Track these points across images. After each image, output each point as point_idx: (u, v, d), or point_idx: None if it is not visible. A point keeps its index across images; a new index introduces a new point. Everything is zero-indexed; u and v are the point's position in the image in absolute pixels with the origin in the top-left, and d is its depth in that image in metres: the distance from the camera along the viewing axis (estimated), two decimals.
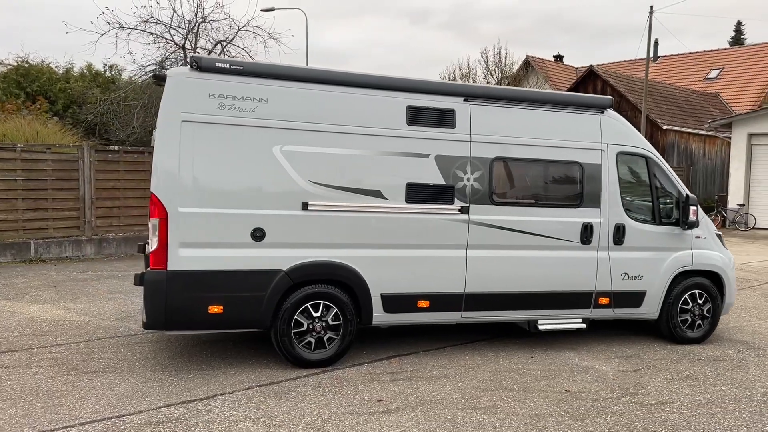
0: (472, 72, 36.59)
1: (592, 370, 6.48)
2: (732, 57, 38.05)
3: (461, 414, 5.22)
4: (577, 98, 7.30)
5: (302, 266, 6.08)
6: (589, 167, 7.06)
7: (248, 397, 5.45)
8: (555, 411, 5.34)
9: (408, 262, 6.45)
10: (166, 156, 5.72)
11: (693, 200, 7.35)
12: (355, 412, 5.19)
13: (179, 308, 5.78)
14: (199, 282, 5.81)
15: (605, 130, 7.18)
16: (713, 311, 7.67)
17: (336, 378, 6.00)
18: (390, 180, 6.36)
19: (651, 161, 7.41)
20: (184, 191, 5.74)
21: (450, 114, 6.57)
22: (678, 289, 7.48)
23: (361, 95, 6.30)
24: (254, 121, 5.92)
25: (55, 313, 8.20)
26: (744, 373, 6.52)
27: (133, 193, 13.02)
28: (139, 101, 16.12)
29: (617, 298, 7.23)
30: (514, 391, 5.79)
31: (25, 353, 6.53)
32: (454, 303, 6.65)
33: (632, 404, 5.55)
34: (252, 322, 6.06)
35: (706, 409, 5.48)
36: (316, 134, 6.11)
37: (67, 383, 5.68)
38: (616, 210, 7.15)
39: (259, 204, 5.97)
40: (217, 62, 5.86)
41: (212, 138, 5.82)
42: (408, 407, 5.34)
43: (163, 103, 5.77)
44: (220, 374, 6.01)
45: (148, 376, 5.90)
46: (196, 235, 5.79)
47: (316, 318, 6.18)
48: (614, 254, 7.16)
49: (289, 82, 6.08)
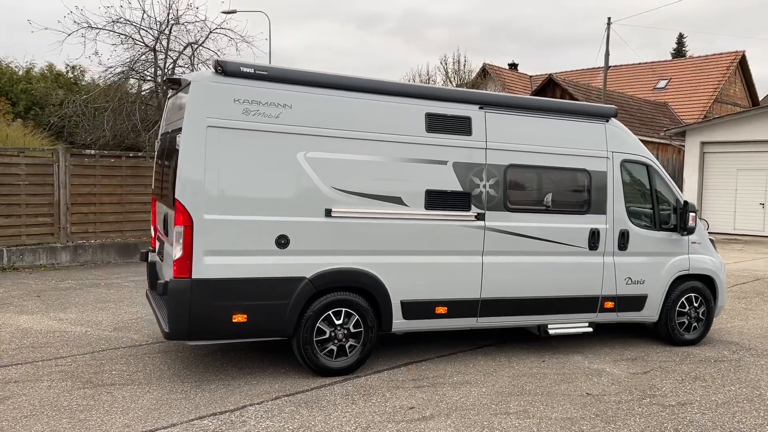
0: (432, 78, 36.89)
1: (605, 373, 6.63)
2: (679, 68, 39.55)
3: (496, 419, 5.27)
4: (584, 107, 7.47)
5: (325, 273, 6.03)
6: (596, 174, 7.24)
7: (279, 407, 5.37)
8: (585, 414, 5.45)
9: (427, 268, 6.48)
10: (192, 162, 5.58)
11: (692, 207, 7.62)
12: (392, 420, 5.18)
13: (204, 318, 5.66)
14: (224, 290, 5.70)
15: (610, 139, 7.38)
16: (707, 314, 7.96)
17: (361, 386, 5.97)
18: (410, 187, 6.38)
19: (652, 169, 7.65)
20: (210, 198, 5.62)
21: (467, 121, 6.63)
22: (676, 293, 7.74)
23: (382, 102, 6.29)
24: (279, 127, 5.85)
25: (49, 324, 7.88)
26: (746, 373, 6.78)
27: (109, 199, 12.63)
28: (109, 104, 15.62)
29: (621, 302, 7.43)
30: (538, 396, 5.87)
31: (31, 366, 6.26)
32: (471, 309, 6.71)
33: (655, 406, 5.71)
34: (275, 331, 5.97)
35: (725, 409, 5.68)
36: (339, 141, 6.08)
37: (86, 397, 5.47)
38: (620, 216, 7.35)
39: (283, 211, 5.90)
40: (242, 66, 5.76)
41: (238, 144, 5.72)
42: (442, 414, 5.35)
43: (188, 107, 5.64)
44: (242, 384, 5.90)
45: (169, 388, 5.74)
46: (221, 243, 5.67)
47: (338, 326, 6.13)
48: (618, 259, 7.36)
49: (313, 88, 6.03)
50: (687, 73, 38.38)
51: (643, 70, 40.29)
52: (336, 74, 6.28)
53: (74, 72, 20.93)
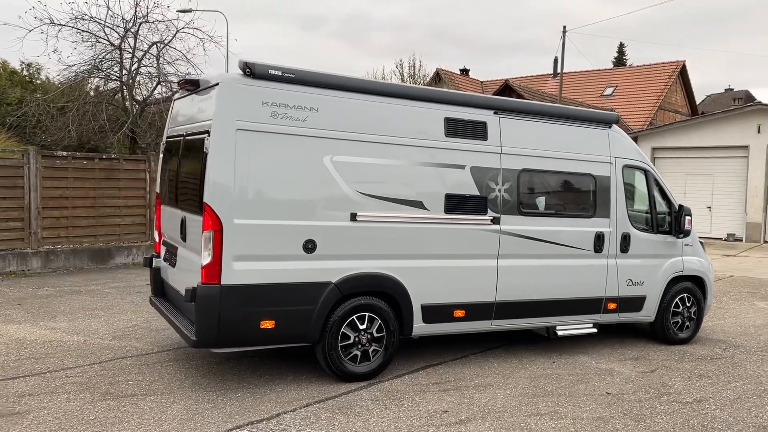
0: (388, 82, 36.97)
1: (615, 372, 6.81)
2: (624, 76, 40.94)
3: (531, 420, 5.35)
4: (589, 114, 7.67)
5: (351, 278, 6.00)
6: (600, 179, 7.44)
7: (315, 414, 5.30)
8: (613, 413, 5.59)
9: (446, 272, 6.52)
10: (221, 165, 5.45)
11: (687, 210, 7.93)
12: (431, 424, 5.19)
13: (232, 324, 5.53)
14: (253, 296, 5.59)
15: (612, 144, 7.60)
16: (698, 313, 8.29)
17: (387, 391, 5.95)
18: (430, 191, 6.40)
19: (650, 174, 7.92)
20: (239, 202, 5.51)
21: (483, 126, 6.71)
22: (671, 293, 8.02)
23: (404, 106, 6.30)
24: (306, 130, 5.78)
25: (42, 334, 7.53)
26: (744, 370, 7.08)
27: (82, 202, 12.15)
28: (74, 104, 15.06)
29: (622, 303, 7.65)
30: (562, 396, 5.99)
31: (40, 378, 5.98)
32: (486, 312, 6.79)
33: (674, 403, 5.91)
34: (302, 337, 5.89)
35: (739, 405, 5.93)
36: (363, 144, 6.05)
37: (111, 409, 5.27)
38: (622, 220, 7.58)
39: (311, 215, 5.83)
40: (270, 69, 5.66)
41: (266, 147, 5.62)
42: (477, 417, 5.40)
43: (217, 109, 5.50)
44: (268, 391, 5.80)
45: (194, 398, 5.59)
46: (250, 248, 5.56)
47: (362, 330, 6.10)
48: (621, 261, 7.58)
49: (339, 91, 5.98)
50: (632, 81, 39.76)
51: (591, 78, 41.52)
52: (361, 78, 6.27)
53: (29, 70, 20.04)
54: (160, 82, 16.49)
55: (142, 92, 16.53)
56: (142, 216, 13.04)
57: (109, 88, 16.12)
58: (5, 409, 5.23)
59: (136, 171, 12.89)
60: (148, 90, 16.51)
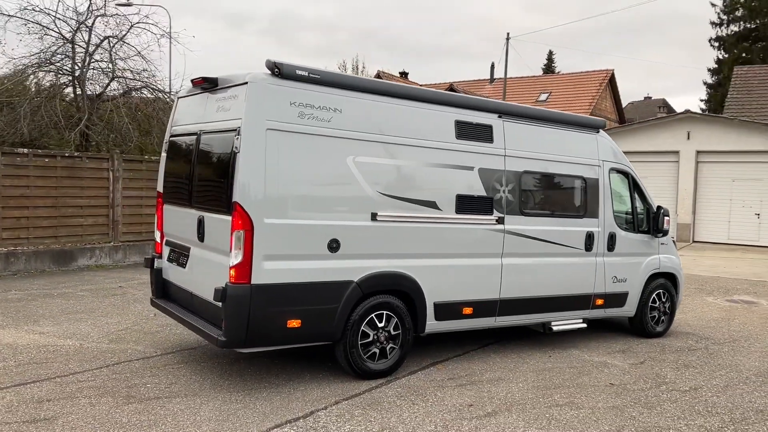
0: None
1: (609, 365, 7.19)
2: (558, 83, 42.51)
3: (553, 411, 5.61)
4: (581, 119, 8.05)
5: (371, 277, 6.09)
6: (590, 181, 7.82)
7: (348, 411, 5.38)
8: (625, 402, 5.92)
9: (456, 270, 6.71)
10: (252, 165, 5.44)
11: (666, 211, 8.43)
12: (463, 417, 5.36)
13: (261, 324, 5.53)
14: (281, 296, 5.61)
15: (600, 148, 8.01)
16: (672, 308, 8.83)
17: (407, 387, 6.08)
18: (443, 192, 6.58)
19: (631, 176, 8.38)
20: (269, 202, 5.51)
21: (489, 129, 6.95)
22: (649, 289, 8.51)
23: (420, 109, 6.46)
24: (331, 131, 5.85)
25: (32, 339, 7.24)
26: (722, 360, 7.60)
27: (43, 202, 11.64)
28: (24, 99, 14.37)
29: (609, 299, 8.07)
30: (571, 388, 6.29)
31: (51, 384, 5.77)
32: (491, 309, 7.02)
33: (674, 392, 6.30)
34: (325, 336, 5.94)
35: (731, 391, 6.39)
36: (383, 145, 6.17)
37: (141, 412, 5.17)
38: (609, 220, 7.99)
39: (335, 215, 5.90)
40: (297, 69, 5.69)
41: (295, 147, 5.65)
42: (502, 409, 5.61)
43: (248, 109, 5.48)
44: (292, 391, 5.82)
45: (221, 399, 5.55)
46: (279, 247, 5.58)
47: (380, 328, 6.21)
48: (607, 260, 7.99)
49: (361, 93, 6.07)
50: (565, 87, 41.33)
51: (527, 84, 42.86)
52: (381, 81, 6.38)
53: None
54: (114, 78, 15.98)
55: (96, 88, 15.96)
56: (105, 216, 12.62)
57: (60, 83, 15.47)
58: (29, 415, 5.04)
59: (98, 170, 12.46)
60: (101, 86, 15.95)
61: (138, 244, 13.20)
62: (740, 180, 24.12)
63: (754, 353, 7.95)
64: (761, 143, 23.73)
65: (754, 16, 51.48)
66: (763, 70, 39.28)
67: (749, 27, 52.10)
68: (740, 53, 51.94)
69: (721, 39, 53.70)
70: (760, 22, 50.83)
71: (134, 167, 13.11)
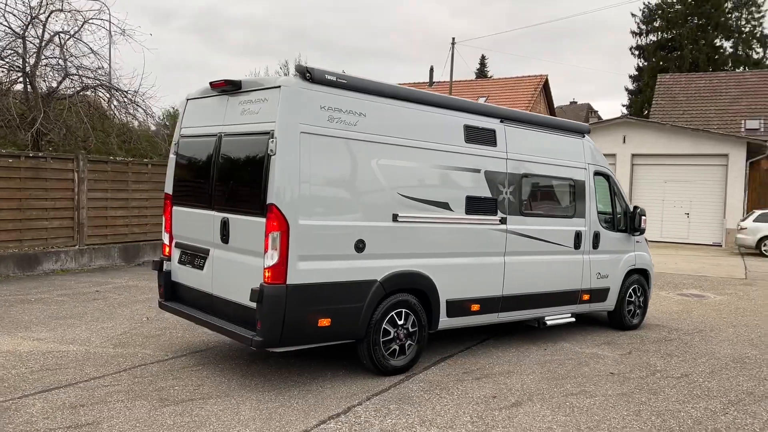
0: None
1: (601, 356, 7.64)
2: (495, 87, 43.70)
3: (572, 399, 5.97)
4: (571, 124, 8.51)
5: (393, 276, 6.28)
6: (578, 183, 8.28)
7: (383, 405, 5.55)
8: (631, 389, 6.35)
9: (465, 269, 6.99)
10: (287, 167, 5.53)
11: (642, 211, 9.01)
12: (493, 408, 5.63)
13: (296, 323, 5.63)
14: (314, 295, 5.72)
15: (586, 152, 8.49)
16: (645, 302, 9.43)
17: (428, 381, 6.31)
18: (455, 193, 6.85)
19: (611, 179, 8.91)
20: (303, 203, 5.62)
21: (493, 133, 7.27)
22: (626, 285, 9.07)
23: (434, 113, 6.70)
24: (357, 134, 6.00)
25: (32, 345, 7.02)
26: (698, 348, 8.20)
27: (7, 204, 11.14)
28: None
29: (594, 294, 8.56)
30: (577, 378, 6.67)
31: (77, 389, 5.66)
32: (496, 305, 7.34)
33: (669, 378, 6.80)
34: (351, 334, 6.09)
35: (719, 376, 6.94)
36: (402, 149, 6.38)
37: (181, 414, 5.18)
38: (594, 219, 8.48)
39: (361, 216, 6.06)
40: (327, 74, 5.82)
41: (325, 150, 5.77)
42: (525, 399, 5.91)
43: (281, 113, 5.56)
44: (321, 388, 5.94)
45: (255, 399, 5.61)
46: (312, 248, 5.69)
47: (399, 326, 6.40)
48: (592, 257, 8.47)
49: (383, 98, 6.26)
50: (502, 91, 42.53)
51: (465, 87, 43.79)
52: (401, 86, 6.58)
53: None
54: (67, 76, 15.44)
55: (48, 86, 15.36)
56: (70, 219, 12.21)
57: (11, 79, 14.82)
58: (69, 420, 4.97)
59: (63, 171, 12.05)
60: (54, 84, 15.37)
61: (104, 247, 12.83)
62: (672, 181, 25.61)
63: (723, 342, 8.61)
64: (690, 147, 25.30)
65: (670, 27, 54.48)
66: (684, 78, 41.71)
67: (666, 37, 55.13)
68: (658, 62, 54.91)
69: (641, 48, 56.58)
70: (677, 32, 53.86)
71: (99, 168, 12.74)
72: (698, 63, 51.54)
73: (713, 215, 25.20)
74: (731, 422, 5.52)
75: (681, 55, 53.43)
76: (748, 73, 42.51)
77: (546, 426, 5.27)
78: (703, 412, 5.74)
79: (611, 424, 5.36)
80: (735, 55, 53.38)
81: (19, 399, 5.38)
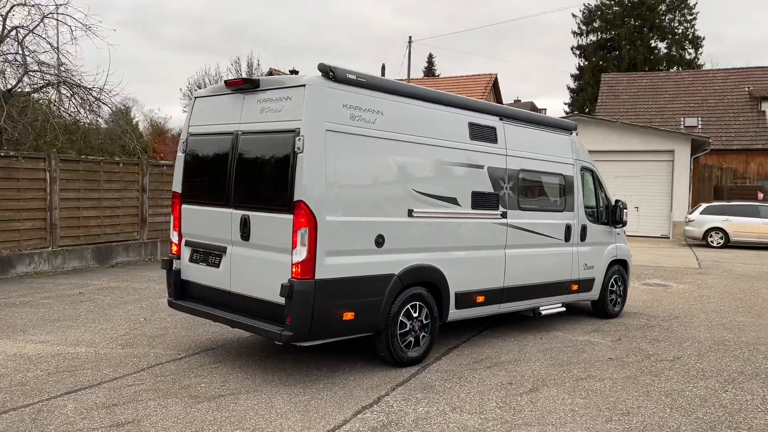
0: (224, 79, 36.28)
1: (594, 343, 8.02)
2: (446, 85, 44.12)
3: (583, 383, 6.28)
4: (559, 122, 8.87)
5: (409, 270, 6.46)
6: (568, 178, 8.65)
7: (411, 394, 5.73)
8: (634, 372, 6.72)
9: (472, 261, 7.24)
10: (315, 164, 5.64)
11: (624, 204, 9.47)
12: (514, 393, 5.89)
13: (323, 318, 5.75)
14: (339, 290, 5.85)
15: (573, 148, 8.87)
16: (624, 291, 9.90)
17: (444, 371, 6.52)
18: (462, 189, 7.08)
19: (595, 174, 9.33)
20: (329, 200, 5.73)
21: (494, 131, 7.54)
22: (608, 275, 9.51)
23: (443, 112, 6.93)
24: (375, 132, 6.16)
25: (38, 348, 6.88)
26: (679, 334, 8.68)
27: None
28: None
29: (581, 284, 8.95)
30: (581, 363, 7.01)
31: (104, 390, 5.62)
32: (498, 296, 7.62)
33: (663, 362, 7.21)
34: (371, 327, 6.23)
35: (706, 357, 7.40)
36: (415, 146, 6.56)
37: (217, 409, 5.23)
38: (581, 213, 8.88)
39: (381, 212, 6.21)
40: (348, 73, 5.95)
41: (347, 147, 5.90)
42: (540, 385, 6.19)
43: (307, 111, 5.66)
44: (344, 381, 6.06)
45: (285, 392, 5.70)
46: (337, 243, 5.81)
47: (414, 318, 6.59)
48: (580, 249, 8.87)
49: (398, 96, 6.43)
50: (453, 90, 43.02)
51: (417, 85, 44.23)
52: (414, 85, 6.77)
53: None
54: (27, 72, 14.97)
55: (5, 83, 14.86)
56: (42, 220, 11.86)
57: None
58: (109, 419, 4.95)
59: (35, 170, 11.69)
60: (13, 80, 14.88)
61: (77, 248, 12.52)
62: (622, 177, 26.57)
63: (699, 327, 9.14)
64: (639, 144, 26.36)
65: (609, 28, 56.39)
66: (626, 78, 43.28)
67: (606, 37, 57.04)
68: (598, 61, 56.77)
69: (582, 47, 58.36)
70: (615, 33, 55.79)
71: (71, 167, 12.41)
72: (636, 63, 53.52)
73: (661, 209, 26.33)
74: (733, 399, 5.94)
75: (620, 55, 55.36)
76: (685, 72, 44.54)
77: (569, 408, 5.56)
78: (705, 391, 6.15)
79: (627, 405, 5.69)
80: (669, 56, 55.71)
81: (47, 401, 5.31)
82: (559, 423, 5.21)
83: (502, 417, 5.30)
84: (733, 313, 10.25)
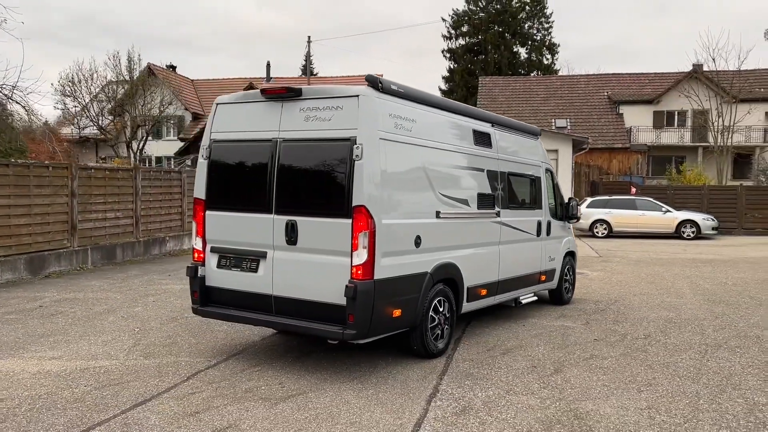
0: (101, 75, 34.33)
1: (570, 327, 8.92)
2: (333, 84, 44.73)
3: (593, 362, 7.08)
4: (529, 127, 9.72)
5: (438, 267, 6.94)
6: (537, 179, 9.53)
7: (458, 382, 6.22)
8: (623, 351, 7.61)
9: (479, 257, 7.84)
10: (372, 170, 5.96)
11: (577, 201, 10.52)
12: (542, 375, 6.54)
13: (379, 316, 6.09)
14: (391, 288, 6.21)
15: (540, 151, 9.76)
16: (574, 279, 10.98)
17: (467, 360, 7.06)
18: (471, 191, 7.66)
19: (553, 174, 10.28)
20: (384, 204, 6.08)
21: (489, 137, 8.19)
22: (563, 265, 10.52)
23: (458, 120, 7.52)
24: (412, 139, 6.58)
25: (60, 364, 6.58)
26: (632, 314, 9.78)
27: None
28: None
29: (547, 274, 9.88)
30: (576, 346, 7.82)
31: (168, 399, 5.58)
32: (495, 288, 8.29)
33: (638, 340, 8.19)
34: (411, 321, 6.64)
35: (670, 334, 8.50)
36: (440, 152, 7.07)
37: (300, 409, 5.42)
38: (546, 210, 9.78)
39: (418, 214, 6.65)
40: (392, 84, 6.34)
41: (395, 154, 6.28)
42: (559, 367, 6.89)
43: (363, 121, 5.96)
44: (391, 375, 6.41)
45: (348, 389, 5.97)
46: (390, 245, 6.17)
47: (440, 312, 7.08)
48: (546, 243, 9.77)
49: (427, 106, 6.91)
50: None
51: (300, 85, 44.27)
52: (440, 97, 7.27)
53: None
54: None
55: None
56: None
57: None
58: (204, 424, 5.00)
59: None
60: None
61: (9, 259, 11.65)
62: None
63: (641, 308, 10.35)
64: None
65: (476, 33, 59.56)
66: (502, 81, 46.05)
67: (473, 41, 60.19)
68: (467, 64, 59.84)
69: (452, 51, 61.21)
70: (482, 38, 59.05)
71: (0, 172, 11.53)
72: (501, 66, 56.96)
73: None
74: (720, 365, 6.99)
75: (486, 59, 58.60)
76: (554, 77, 48.19)
77: (601, 383, 6.31)
78: (692, 362, 7.16)
79: (643, 378, 6.53)
80: (530, 61, 59.86)
81: (122, 414, 5.22)
82: (604, 396, 5.94)
83: (553, 396, 5.94)
84: (659, 295, 11.64)
